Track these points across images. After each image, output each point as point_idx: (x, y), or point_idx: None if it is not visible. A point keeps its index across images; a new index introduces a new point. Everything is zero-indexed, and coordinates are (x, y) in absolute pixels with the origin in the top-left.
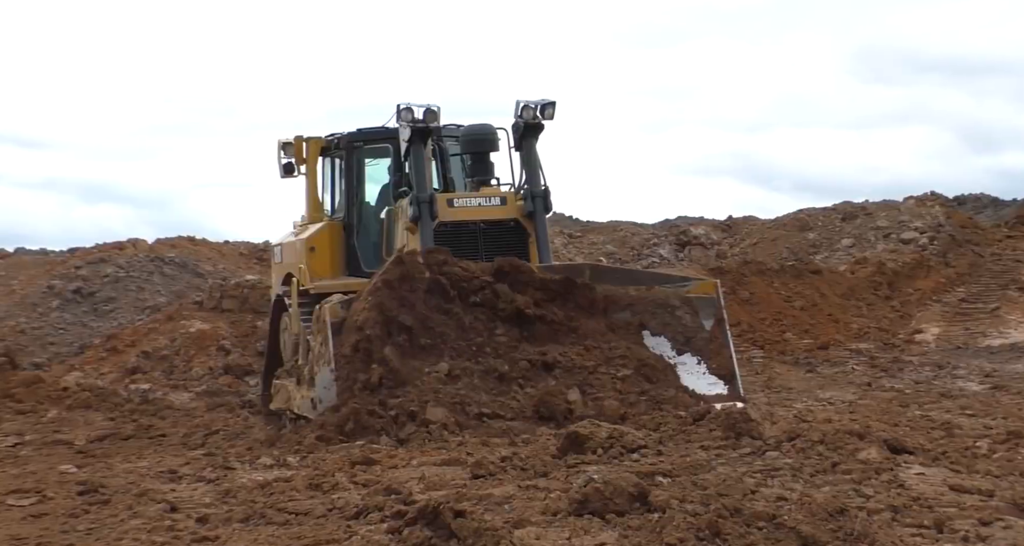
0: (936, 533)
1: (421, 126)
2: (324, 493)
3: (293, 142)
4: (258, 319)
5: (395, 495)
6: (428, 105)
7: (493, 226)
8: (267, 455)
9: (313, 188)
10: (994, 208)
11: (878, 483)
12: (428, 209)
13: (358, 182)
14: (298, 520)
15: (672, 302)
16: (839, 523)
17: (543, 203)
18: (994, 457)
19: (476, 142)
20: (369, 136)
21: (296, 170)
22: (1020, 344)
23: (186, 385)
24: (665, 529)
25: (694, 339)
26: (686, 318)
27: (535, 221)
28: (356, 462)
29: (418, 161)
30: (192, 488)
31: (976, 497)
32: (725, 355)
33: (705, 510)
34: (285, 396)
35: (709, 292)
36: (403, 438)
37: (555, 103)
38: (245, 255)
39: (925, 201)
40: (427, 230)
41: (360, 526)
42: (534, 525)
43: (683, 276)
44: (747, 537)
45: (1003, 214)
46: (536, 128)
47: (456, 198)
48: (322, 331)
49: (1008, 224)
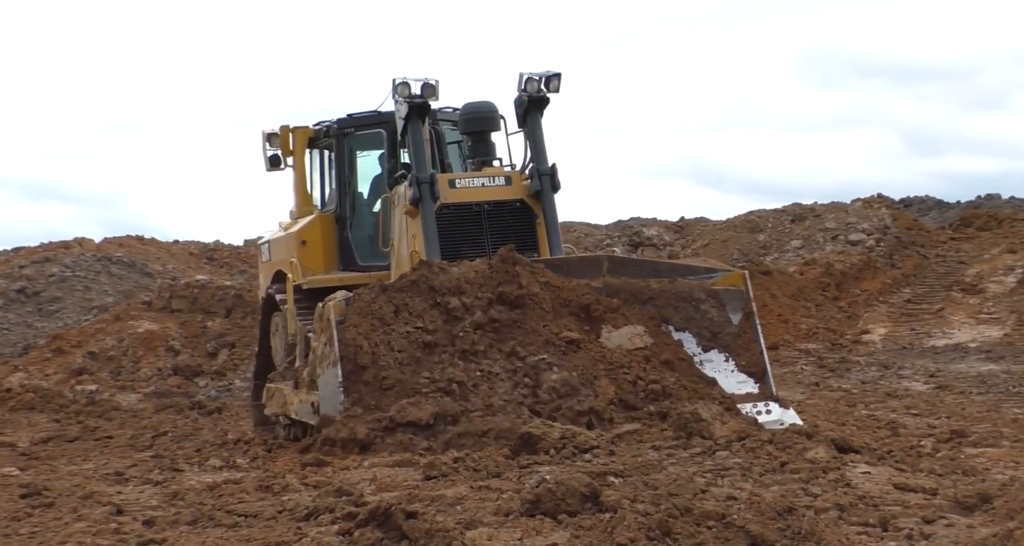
0: (881, 531)
1: (419, 102)
2: (274, 495)
3: (279, 132)
4: (208, 319)
5: (346, 496)
6: (426, 79)
7: (498, 207)
8: (216, 457)
9: (301, 180)
10: (939, 210)
11: (825, 482)
12: (429, 190)
13: (350, 171)
14: (247, 522)
15: (697, 295)
16: (787, 522)
17: (551, 182)
18: (937, 456)
19: (476, 120)
20: (360, 122)
21: (283, 162)
22: (963, 344)
23: (134, 386)
24: (616, 529)
25: (721, 334)
26: (712, 312)
27: (543, 201)
28: (307, 463)
29: (416, 140)
30: (139, 490)
31: (920, 495)
32: (755, 351)
33: (656, 510)
34: (281, 401)
35: (737, 284)
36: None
37: (560, 75)
38: (195, 255)
39: (872, 203)
40: (428, 213)
41: (311, 528)
42: (486, 526)
43: (708, 267)
44: (697, 536)
45: (947, 216)
46: (541, 102)
47: (458, 178)
48: (326, 330)
49: (952, 226)
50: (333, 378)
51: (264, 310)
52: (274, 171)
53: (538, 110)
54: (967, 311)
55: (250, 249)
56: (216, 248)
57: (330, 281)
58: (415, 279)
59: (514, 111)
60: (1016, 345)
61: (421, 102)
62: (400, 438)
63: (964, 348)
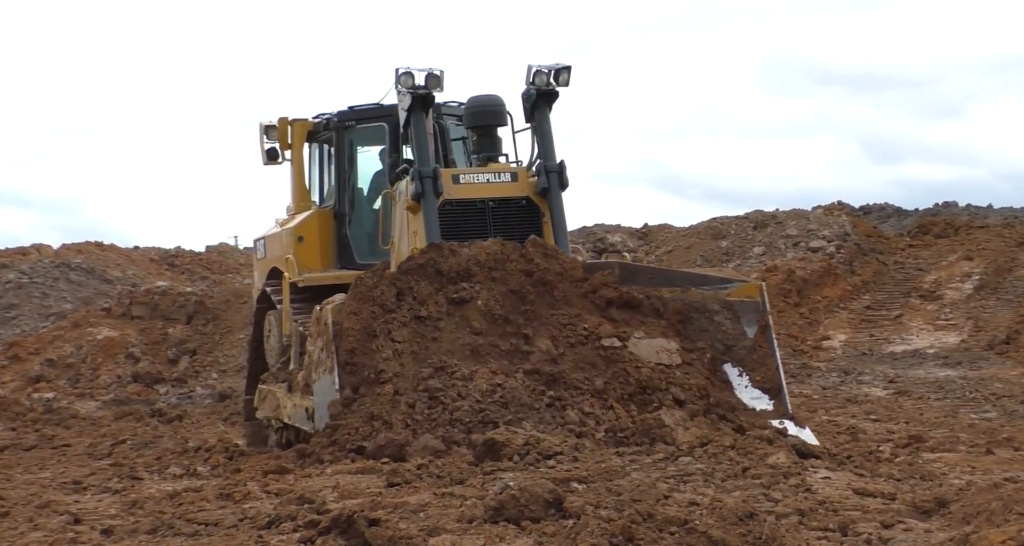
0: (840, 536)
1: (423, 93)
2: (235, 503)
3: (277, 125)
4: (169, 326)
5: (308, 504)
6: (430, 69)
7: (503, 204)
8: (176, 465)
9: (300, 175)
10: (897, 218)
11: (786, 487)
12: (432, 185)
13: (350, 165)
14: (208, 531)
15: (711, 306)
16: (748, 527)
17: (559, 179)
18: (896, 461)
19: (483, 114)
20: (362, 115)
21: (280, 156)
22: (922, 350)
23: (92, 394)
24: (579, 535)
25: (735, 348)
26: (726, 324)
27: (550, 199)
28: (269, 471)
29: (420, 132)
30: (97, 499)
31: (879, 500)
32: (770, 366)
33: (619, 516)
34: (273, 404)
35: (752, 295)
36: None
37: (570, 68)
38: (156, 261)
39: (832, 210)
40: (431, 209)
41: (272, 536)
42: (449, 533)
43: (723, 277)
44: (659, 542)
45: (906, 224)
46: (550, 95)
47: (462, 174)
48: (323, 335)
49: (910, 234)
50: (329, 385)
51: (258, 307)
52: (271, 165)
53: (546, 104)
54: (925, 317)
55: (212, 255)
56: (177, 254)
57: (327, 279)
58: (423, 262)
59: (521, 105)
60: (972, 351)
61: (425, 93)
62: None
63: (922, 354)
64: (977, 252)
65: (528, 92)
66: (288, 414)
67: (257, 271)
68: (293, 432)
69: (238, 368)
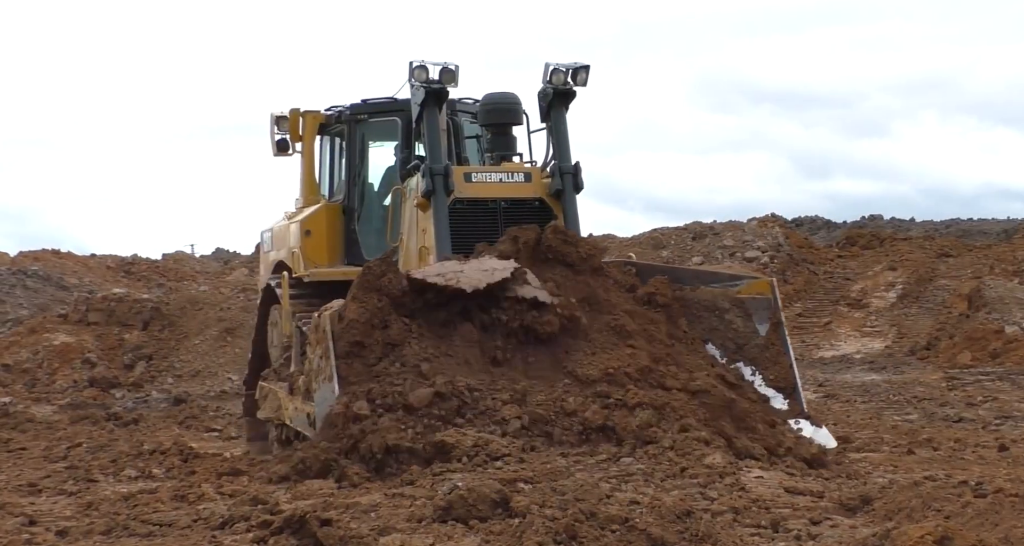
0: (772, 532)
1: (437, 87)
2: (190, 504)
3: (288, 116)
4: (125, 332)
5: (261, 505)
6: (445, 63)
7: (515, 205)
8: (132, 467)
9: (309, 167)
10: (827, 230)
11: (722, 486)
12: (443, 183)
13: (361, 160)
14: (162, 531)
15: (721, 304)
16: (686, 524)
17: (573, 181)
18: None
19: (498, 112)
20: (375, 108)
21: (291, 147)
22: (849, 356)
23: (49, 398)
24: (525, 533)
25: (747, 346)
26: (737, 322)
27: (563, 201)
28: (223, 473)
29: (432, 128)
30: (52, 501)
31: (808, 498)
32: (784, 364)
33: (563, 514)
34: (275, 404)
35: (764, 292)
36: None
37: (589, 67)
38: (112, 268)
39: (766, 222)
40: (441, 207)
41: (225, 536)
42: (399, 532)
43: (733, 274)
44: (601, 539)
45: (834, 235)
46: (567, 95)
47: (475, 172)
48: (322, 342)
49: (839, 245)
50: (330, 394)
51: (263, 301)
52: (281, 156)
53: (563, 104)
54: (852, 324)
55: (168, 263)
56: (134, 262)
57: (334, 275)
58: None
59: (537, 104)
60: (896, 356)
61: (439, 88)
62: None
63: (850, 359)
64: (900, 263)
65: (545, 91)
66: (290, 417)
67: (263, 264)
68: (293, 431)
69: (193, 373)
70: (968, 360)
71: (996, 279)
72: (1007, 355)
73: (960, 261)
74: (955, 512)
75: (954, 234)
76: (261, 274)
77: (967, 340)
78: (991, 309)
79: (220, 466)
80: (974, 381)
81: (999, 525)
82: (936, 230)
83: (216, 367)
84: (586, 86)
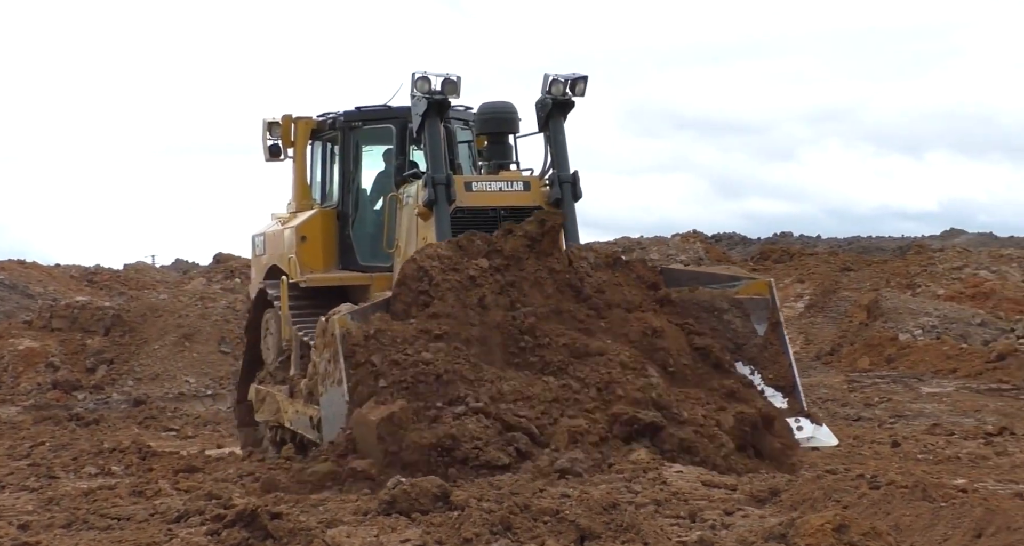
0: (690, 522)
1: (439, 98)
2: (147, 499)
3: (280, 122)
4: (87, 337)
5: (215, 500)
6: (447, 74)
7: (515, 213)
8: (92, 465)
9: (301, 172)
10: (743, 245)
11: (645, 480)
12: (445, 192)
13: (355, 167)
14: (120, 525)
15: (719, 304)
16: (612, 516)
17: (571, 190)
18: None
19: (495, 121)
20: (369, 116)
21: (283, 153)
22: None
23: (13, 400)
24: (463, 525)
25: (746, 346)
26: (736, 322)
27: (563, 210)
28: (179, 470)
29: (434, 138)
30: (15, 497)
31: (723, 491)
32: (783, 363)
33: (499, 507)
34: (273, 407)
35: (762, 292)
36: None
37: (587, 78)
38: (76, 278)
39: (689, 238)
40: (443, 216)
41: (181, 529)
42: (346, 524)
43: (731, 275)
44: (534, 530)
45: (750, 250)
46: (566, 105)
47: (475, 181)
48: (330, 346)
49: (753, 259)
50: (339, 398)
51: (256, 305)
52: (273, 161)
53: (561, 114)
54: None
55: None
56: (96, 271)
57: (330, 280)
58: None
59: (535, 113)
60: (803, 361)
61: (441, 98)
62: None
63: None
64: (808, 276)
65: (543, 101)
66: (290, 420)
67: (255, 268)
68: (289, 433)
69: (152, 376)
70: (867, 364)
71: (892, 291)
72: (900, 360)
73: (860, 275)
74: (852, 503)
75: (855, 250)
76: (252, 278)
77: (866, 346)
78: (887, 318)
79: (177, 463)
80: (871, 384)
81: (890, 514)
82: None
83: (174, 371)
84: (584, 96)
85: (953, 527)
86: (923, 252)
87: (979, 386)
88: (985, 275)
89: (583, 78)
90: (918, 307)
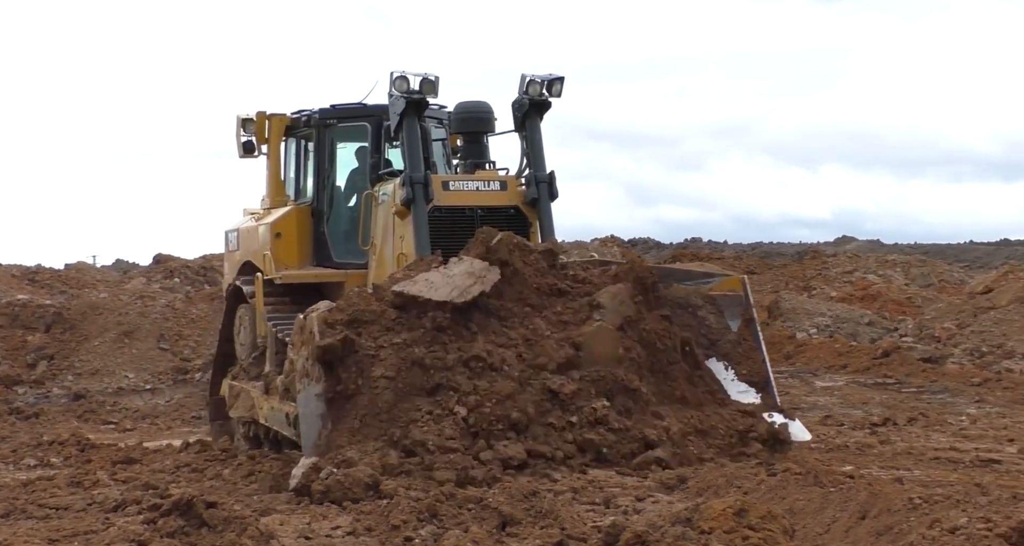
0: (604, 508)
1: (417, 97)
2: (85, 489)
3: (255, 118)
4: (28, 334)
5: (152, 489)
6: (425, 74)
7: (491, 213)
8: (31, 457)
9: (276, 169)
10: (657, 250)
11: (564, 470)
12: (423, 192)
13: (330, 164)
14: (58, 514)
15: (693, 301)
16: (532, 503)
17: (548, 189)
18: None
19: (471, 121)
20: (344, 113)
21: (257, 149)
22: None
23: None
24: (392, 513)
25: (720, 342)
26: (710, 318)
27: (539, 209)
28: (117, 462)
29: (412, 137)
30: None
31: (635, 479)
32: (756, 359)
33: (426, 496)
34: (248, 403)
35: (735, 289)
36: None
37: (563, 79)
38: (17, 276)
39: (607, 242)
40: (421, 215)
41: (118, 518)
42: (279, 512)
43: (705, 272)
44: (459, 516)
45: (663, 254)
46: (542, 106)
47: (452, 181)
48: (307, 344)
49: (666, 263)
50: (314, 397)
51: (229, 301)
52: (247, 158)
53: (538, 114)
54: None
55: (71, 272)
56: (37, 271)
57: (305, 277)
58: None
59: (511, 114)
60: None
61: (419, 98)
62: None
63: None
64: None
65: (520, 101)
66: (265, 416)
67: (228, 263)
68: (263, 429)
69: (92, 371)
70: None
71: (790, 293)
72: (797, 356)
73: (762, 278)
74: (751, 489)
75: (758, 255)
76: (225, 273)
77: (766, 344)
78: (786, 318)
79: (115, 455)
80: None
81: (785, 498)
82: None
83: (114, 366)
84: (560, 97)
85: (841, 510)
86: (818, 257)
87: (866, 380)
88: (872, 279)
89: (560, 79)
90: (813, 308)
